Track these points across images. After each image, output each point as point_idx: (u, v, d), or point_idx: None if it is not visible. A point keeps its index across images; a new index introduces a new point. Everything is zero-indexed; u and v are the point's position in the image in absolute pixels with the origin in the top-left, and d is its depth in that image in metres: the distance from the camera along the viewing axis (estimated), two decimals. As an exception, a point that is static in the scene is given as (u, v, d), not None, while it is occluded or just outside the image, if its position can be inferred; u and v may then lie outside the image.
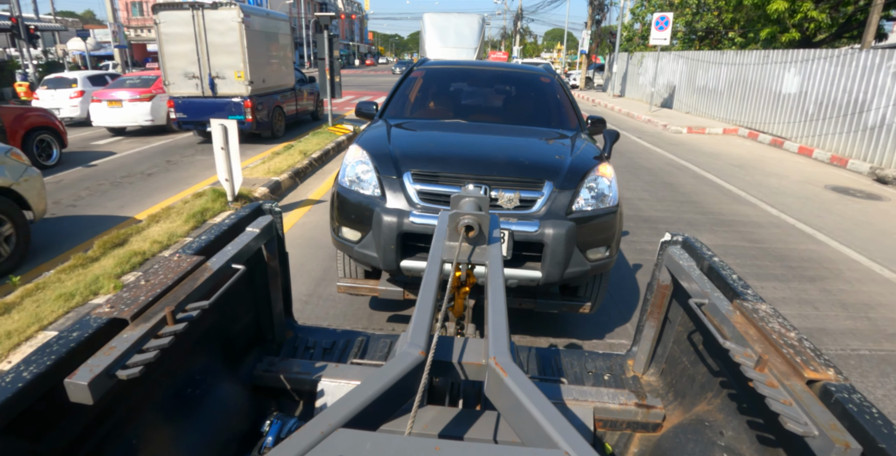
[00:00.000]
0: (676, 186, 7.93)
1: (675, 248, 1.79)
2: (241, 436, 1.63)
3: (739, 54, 14.79)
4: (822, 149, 10.83)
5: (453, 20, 17.33)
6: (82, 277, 4.00)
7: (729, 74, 15.14)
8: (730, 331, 1.33)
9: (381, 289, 3.20)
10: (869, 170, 9.12)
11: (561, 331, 3.65)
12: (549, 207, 2.83)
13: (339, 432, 0.77)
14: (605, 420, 1.76)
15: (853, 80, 10.27)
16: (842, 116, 10.47)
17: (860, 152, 9.90)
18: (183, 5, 9.43)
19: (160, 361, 1.15)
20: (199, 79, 9.92)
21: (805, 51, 12.03)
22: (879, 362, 3.34)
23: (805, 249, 5.43)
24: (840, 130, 10.50)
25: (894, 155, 9.14)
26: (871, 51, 9.91)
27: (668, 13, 16.73)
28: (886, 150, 9.28)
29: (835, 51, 11.08)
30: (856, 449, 0.92)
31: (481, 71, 4.87)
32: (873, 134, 9.61)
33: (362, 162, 3.09)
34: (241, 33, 9.50)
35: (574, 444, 0.79)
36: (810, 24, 13.55)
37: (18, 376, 0.97)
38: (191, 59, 9.78)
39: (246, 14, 9.58)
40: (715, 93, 15.93)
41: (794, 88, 12.14)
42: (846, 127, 10.33)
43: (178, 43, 9.68)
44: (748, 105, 14.11)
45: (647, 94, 19.29)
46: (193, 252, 1.54)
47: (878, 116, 9.55)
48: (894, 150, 9.16)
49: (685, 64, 18.04)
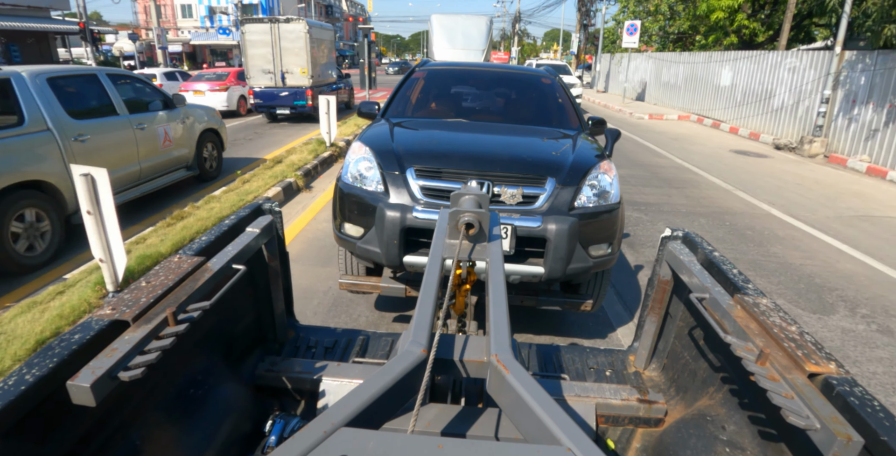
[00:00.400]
0: (618, 148, 10.18)
1: (676, 243, 1.79)
2: (244, 436, 1.63)
3: (691, 55, 18.25)
4: (745, 127, 14.23)
5: (461, 22, 17.26)
6: (274, 171, 7.40)
7: (684, 72, 18.56)
8: (731, 325, 1.33)
9: (382, 286, 3.20)
10: (771, 141, 12.38)
11: (561, 329, 3.66)
12: (552, 203, 2.84)
13: (342, 431, 0.77)
14: (608, 416, 1.76)
15: (765, 74, 13.68)
16: (758, 102, 14.00)
17: (768, 128, 13.34)
18: (263, 20, 13.27)
19: (162, 362, 1.15)
20: (272, 73, 13.45)
21: (735, 52, 15.54)
22: (689, 214, 6.55)
23: (685, 177, 8.67)
24: (756, 113, 14.00)
25: (788, 129, 12.60)
26: (775, 52, 13.51)
27: (636, 21, 20.63)
28: (783, 126, 12.81)
29: (753, 52, 14.57)
30: (857, 442, 0.92)
31: (482, 72, 4.88)
32: (776, 114, 13.14)
33: (365, 159, 3.09)
34: (305, 40, 13.16)
35: (576, 440, 0.79)
36: (746, 31, 17.10)
37: (21, 379, 0.97)
38: (267, 59, 13.33)
39: (310, 26, 13.22)
40: (675, 87, 19.35)
41: (728, 82, 15.54)
42: (760, 110, 13.85)
43: (258, 47, 13.28)
44: (698, 96, 17.54)
45: (623, 89, 22.48)
46: (194, 253, 1.53)
47: (780, 101, 13.05)
48: (788, 126, 12.63)
49: (654, 63, 21.57)
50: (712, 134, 14.20)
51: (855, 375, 3.14)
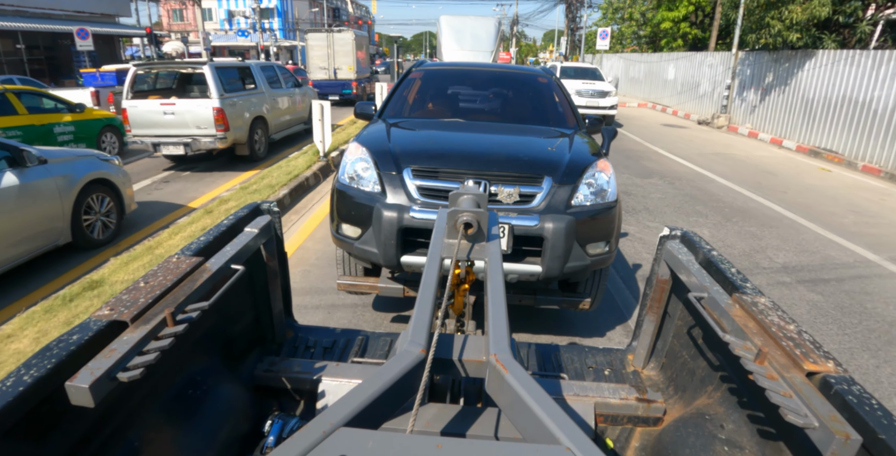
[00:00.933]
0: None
1: (674, 242, 1.79)
2: (243, 436, 1.63)
3: (649, 55, 23.37)
4: (682, 110, 18.91)
5: (469, 23, 17.22)
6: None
7: (644, 69, 23.54)
8: (729, 324, 1.33)
9: (380, 286, 3.20)
10: (697, 119, 16.93)
11: (559, 328, 3.67)
12: (549, 202, 2.84)
13: (341, 431, 0.77)
14: (606, 415, 1.77)
15: (695, 70, 18.47)
16: (690, 91, 18.79)
17: (696, 110, 18.01)
18: (321, 30, 19.58)
19: (161, 362, 1.15)
20: (327, 69, 19.19)
21: (676, 53, 20.64)
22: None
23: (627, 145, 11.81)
24: (689, 99, 18.79)
25: (708, 109, 17.16)
26: (700, 53, 18.41)
27: (607, 28, 25.19)
28: (705, 107, 17.43)
29: (687, 53, 19.63)
30: (856, 440, 0.93)
31: (479, 72, 4.87)
32: (701, 99, 17.86)
33: (362, 159, 3.09)
34: (352, 45, 18.91)
35: (575, 439, 0.79)
36: (690, 36, 21.65)
37: (19, 380, 0.97)
38: (323, 59, 19.16)
39: (356, 36, 19.19)
40: (638, 81, 24.35)
41: (672, 77, 20.44)
42: (692, 97, 18.66)
43: (317, 50, 19.22)
44: (654, 88, 22.41)
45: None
46: (192, 253, 1.53)
47: (703, 90, 17.77)
48: (708, 106, 17.23)
49: (623, 62, 26.60)
50: (657, 115, 18.79)
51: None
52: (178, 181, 7.98)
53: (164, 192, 7.30)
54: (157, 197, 7.03)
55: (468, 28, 16.85)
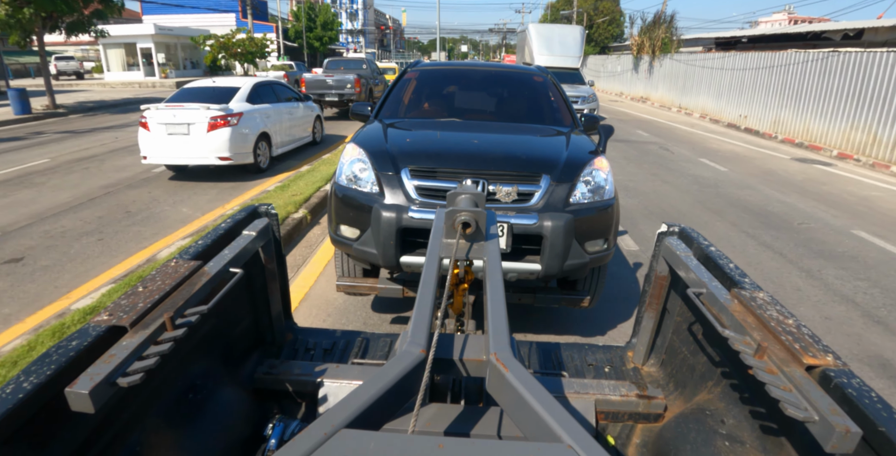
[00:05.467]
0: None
1: (672, 238, 1.80)
2: (244, 440, 1.63)
3: None
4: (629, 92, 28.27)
5: (557, 31, 18.89)
6: None
7: None
8: (728, 319, 1.34)
9: (380, 287, 3.19)
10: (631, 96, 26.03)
11: (559, 326, 3.67)
12: (548, 200, 2.84)
13: (343, 433, 0.77)
14: (607, 412, 1.77)
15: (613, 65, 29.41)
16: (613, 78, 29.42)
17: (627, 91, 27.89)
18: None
19: (160, 367, 1.14)
20: None
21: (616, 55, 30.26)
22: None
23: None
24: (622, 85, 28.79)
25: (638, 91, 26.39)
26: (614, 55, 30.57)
27: None
28: None
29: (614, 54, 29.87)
30: (856, 433, 0.93)
31: (475, 71, 4.86)
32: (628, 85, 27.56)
33: (359, 160, 3.08)
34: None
35: (577, 437, 0.79)
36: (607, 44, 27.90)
37: (19, 387, 0.96)
38: None
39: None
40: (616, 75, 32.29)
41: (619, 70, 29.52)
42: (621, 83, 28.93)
43: None
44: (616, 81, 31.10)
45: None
46: (191, 257, 1.52)
47: None
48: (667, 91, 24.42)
49: None
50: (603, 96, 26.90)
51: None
52: (334, 125, 14.54)
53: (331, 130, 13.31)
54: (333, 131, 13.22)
55: (556, 36, 18.64)
